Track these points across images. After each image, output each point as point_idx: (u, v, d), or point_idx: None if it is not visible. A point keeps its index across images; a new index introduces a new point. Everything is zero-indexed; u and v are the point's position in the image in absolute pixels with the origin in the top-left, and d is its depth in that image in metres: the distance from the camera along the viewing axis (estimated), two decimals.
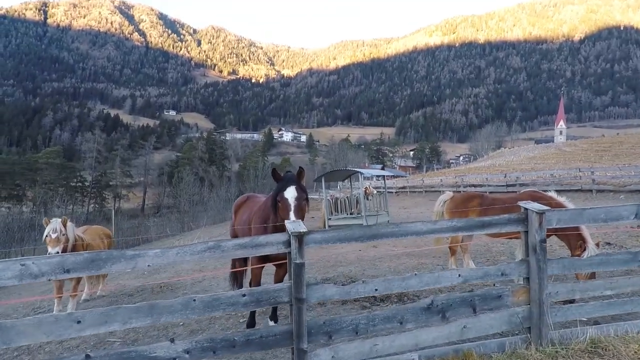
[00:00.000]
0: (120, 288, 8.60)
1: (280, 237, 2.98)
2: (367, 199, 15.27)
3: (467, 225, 3.34)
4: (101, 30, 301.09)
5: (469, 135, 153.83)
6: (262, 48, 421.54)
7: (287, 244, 2.93)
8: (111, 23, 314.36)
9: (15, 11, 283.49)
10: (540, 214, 3.23)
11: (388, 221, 15.17)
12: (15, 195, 66.60)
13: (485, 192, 15.98)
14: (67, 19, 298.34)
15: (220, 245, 2.89)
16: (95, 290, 7.71)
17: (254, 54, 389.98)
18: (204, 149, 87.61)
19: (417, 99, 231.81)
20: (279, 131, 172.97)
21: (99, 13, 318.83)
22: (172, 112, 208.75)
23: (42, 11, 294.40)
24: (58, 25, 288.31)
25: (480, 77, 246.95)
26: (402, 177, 33.21)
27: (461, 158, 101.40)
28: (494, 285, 4.58)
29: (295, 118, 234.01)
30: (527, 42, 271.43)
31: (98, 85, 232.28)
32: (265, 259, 3.98)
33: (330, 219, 14.79)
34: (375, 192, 17.58)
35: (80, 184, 69.93)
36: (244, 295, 2.98)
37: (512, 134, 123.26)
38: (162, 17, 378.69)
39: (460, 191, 22.94)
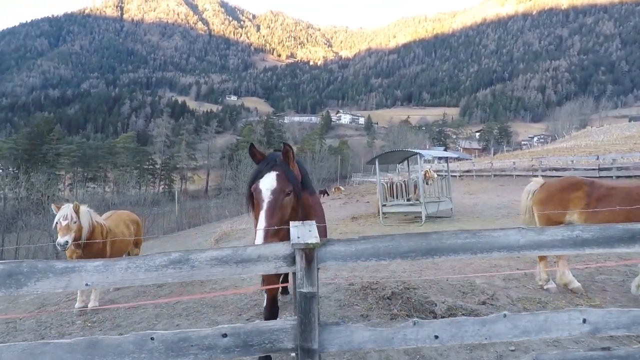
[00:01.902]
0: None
1: (278, 249, 1.96)
2: (427, 183, 13.63)
3: (602, 235, 1.92)
4: (169, 21, 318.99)
5: (545, 113, 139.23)
6: (319, 30, 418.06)
7: (290, 260, 1.94)
8: (177, 14, 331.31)
9: (97, 9, 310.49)
10: None
11: (451, 209, 13.44)
12: (99, 177, 73.66)
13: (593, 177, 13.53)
14: (139, 13, 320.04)
15: (190, 259, 1.94)
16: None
17: (311, 37, 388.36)
18: (263, 132, 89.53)
19: (485, 76, 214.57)
20: (336, 113, 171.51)
21: (167, 5, 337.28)
22: (234, 97, 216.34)
23: (119, 7, 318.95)
24: (132, 20, 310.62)
25: (561, 47, 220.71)
26: (466, 159, 30.34)
27: (535, 139, 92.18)
28: None
29: (353, 100, 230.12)
30: (624, 3, 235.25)
31: (167, 74, 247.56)
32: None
33: (384, 205, 13.43)
34: (436, 175, 15.79)
35: (151, 167, 75.26)
36: (224, 336, 1.94)
37: (600, 110, 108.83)
38: (223, 4, 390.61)
39: (538, 176, 20.10)
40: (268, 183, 2.58)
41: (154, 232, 36.31)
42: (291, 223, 2.13)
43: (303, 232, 1.95)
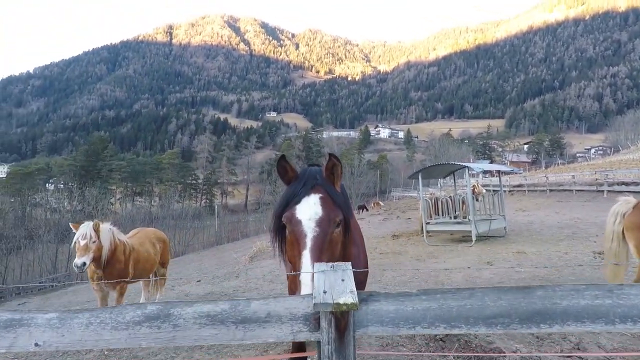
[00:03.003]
0: (181, 296, 7.78)
1: (296, 304, 1.42)
2: (477, 199, 12.42)
3: None
4: (213, 44, 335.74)
5: (603, 123, 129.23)
6: (357, 45, 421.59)
7: (314, 324, 1.38)
8: (221, 37, 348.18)
9: (149, 35, 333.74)
10: None
11: (505, 228, 12.12)
12: (146, 191, 77.30)
13: None
14: (187, 37, 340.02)
15: (171, 315, 1.42)
16: (154, 299, 6.90)
17: (349, 52, 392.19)
18: (301, 147, 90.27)
19: (532, 86, 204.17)
20: (375, 128, 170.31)
21: (212, 29, 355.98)
22: (273, 114, 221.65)
23: (168, 33, 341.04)
24: (180, 44, 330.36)
25: (620, 52, 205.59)
26: (517, 173, 28.08)
27: (592, 151, 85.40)
28: None
29: (392, 114, 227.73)
30: None
31: (210, 93, 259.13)
32: None
33: (428, 223, 12.38)
34: (485, 191, 14.49)
35: (194, 182, 77.93)
36: None
37: None
38: (264, 25, 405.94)
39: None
40: (310, 210, 1.88)
41: (194, 245, 37.04)
42: (316, 265, 1.56)
43: (333, 282, 1.41)
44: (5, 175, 78.74)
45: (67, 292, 15.33)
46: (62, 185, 74.69)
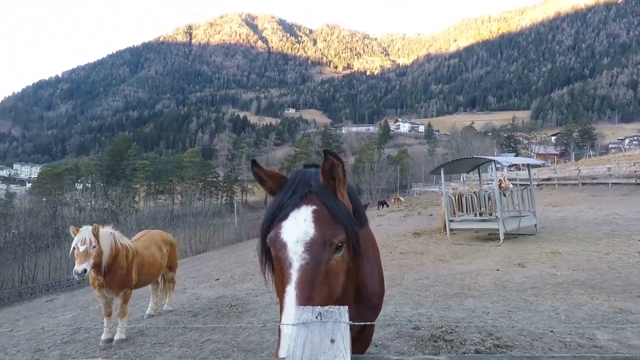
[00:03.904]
0: (192, 300, 7.50)
1: None
2: (504, 195, 11.65)
3: None
4: (232, 42, 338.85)
5: (639, 112, 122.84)
6: (376, 39, 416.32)
7: None
8: (239, 35, 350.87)
9: (169, 36, 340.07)
10: None
11: (535, 225, 11.33)
12: (167, 189, 78.76)
13: None
14: (206, 37, 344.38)
15: None
16: (162, 304, 6.65)
17: (367, 47, 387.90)
18: (320, 143, 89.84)
19: (560, 75, 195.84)
20: (395, 122, 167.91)
21: (230, 27, 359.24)
22: (292, 110, 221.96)
23: (188, 33, 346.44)
24: (199, 44, 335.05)
25: None
26: (547, 166, 26.62)
27: (627, 141, 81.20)
28: None
29: (412, 108, 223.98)
30: None
31: (230, 91, 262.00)
32: None
33: (452, 220, 11.71)
34: (512, 185, 13.66)
35: (214, 179, 78.81)
36: None
37: None
38: (281, 22, 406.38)
39: None
40: (298, 229, 1.42)
41: (214, 243, 37.29)
42: (298, 313, 1.12)
43: (317, 344, 0.98)
44: (36, 176, 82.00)
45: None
46: (89, 185, 77.22)
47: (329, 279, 1.37)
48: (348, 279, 1.46)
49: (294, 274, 1.33)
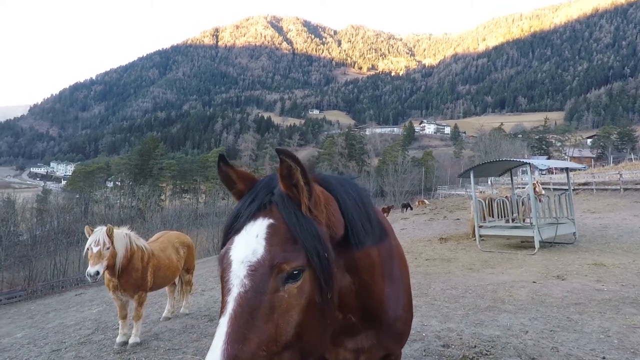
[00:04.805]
0: (210, 303, 7.31)
1: None
2: (539, 200, 10.94)
3: None
4: (257, 44, 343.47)
5: None
6: (401, 39, 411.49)
7: None
8: (264, 37, 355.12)
9: (197, 39, 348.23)
10: None
11: (574, 234, 10.55)
12: (192, 189, 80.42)
13: None
14: (232, 39, 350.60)
15: None
16: (179, 306, 6.49)
17: (392, 47, 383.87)
18: (344, 144, 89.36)
19: (597, 74, 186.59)
20: (420, 124, 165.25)
21: (255, 30, 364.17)
22: (316, 111, 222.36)
23: (214, 36, 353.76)
24: (225, 46, 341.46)
25: None
26: (583, 170, 25.16)
27: None
28: None
29: (438, 109, 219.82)
30: None
31: (254, 92, 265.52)
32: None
33: (482, 226, 11.09)
34: (543, 191, 12.88)
35: None
36: None
37: None
38: (306, 24, 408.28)
39: None
40: (247, 247, 1.15)
41: None
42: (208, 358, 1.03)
43: None
44: (70, 174, 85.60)
45: None
46: (118, 183, 79.93)
47: (276, 316, 1.07)
48: (311, 319, 1.13)
49: (230, 304, 1.07)
